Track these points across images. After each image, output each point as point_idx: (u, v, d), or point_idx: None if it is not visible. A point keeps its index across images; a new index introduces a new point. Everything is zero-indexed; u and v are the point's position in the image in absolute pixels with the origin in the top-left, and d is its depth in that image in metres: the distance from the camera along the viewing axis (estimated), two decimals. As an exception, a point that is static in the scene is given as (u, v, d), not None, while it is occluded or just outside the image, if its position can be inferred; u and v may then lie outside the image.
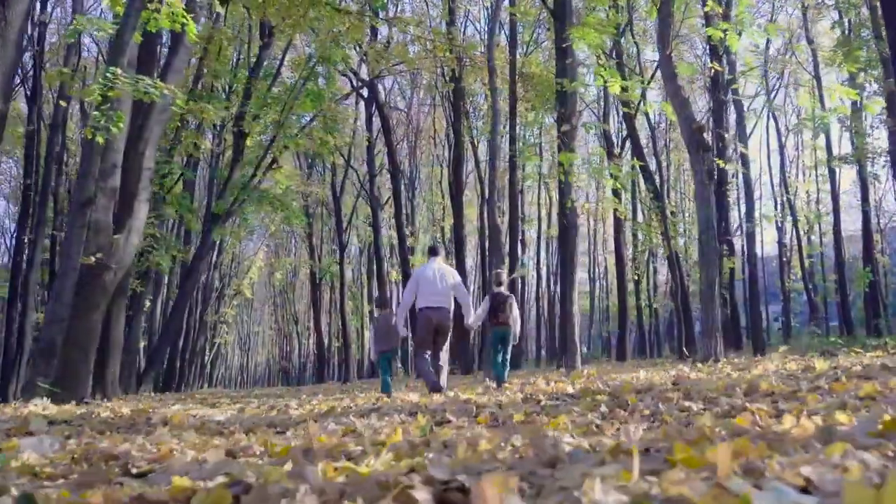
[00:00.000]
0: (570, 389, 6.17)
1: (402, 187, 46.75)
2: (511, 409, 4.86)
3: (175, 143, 20.05)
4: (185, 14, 10.40)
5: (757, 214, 27.01)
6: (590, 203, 37.59)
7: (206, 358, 53.08)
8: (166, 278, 28.94)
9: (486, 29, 19.62)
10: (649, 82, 19.65)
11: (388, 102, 44.99)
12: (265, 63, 25.20)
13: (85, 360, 11.11)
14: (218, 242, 44.93)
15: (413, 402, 6.06)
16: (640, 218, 30.77)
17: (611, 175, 19.54)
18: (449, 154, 33.62)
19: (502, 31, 27.52)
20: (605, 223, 42.49)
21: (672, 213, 26.46)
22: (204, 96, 20.25)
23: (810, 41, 28.74)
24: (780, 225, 35.69)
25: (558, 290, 31.13)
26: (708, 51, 23.36)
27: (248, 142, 23.83)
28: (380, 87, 39.46)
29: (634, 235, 30.55)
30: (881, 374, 5.32)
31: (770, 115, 34.27)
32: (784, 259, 37.15)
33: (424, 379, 8.65)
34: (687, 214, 37.42)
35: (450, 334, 8.77)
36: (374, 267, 38.56)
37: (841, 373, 5.84)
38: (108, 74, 9.04)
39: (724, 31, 10.56)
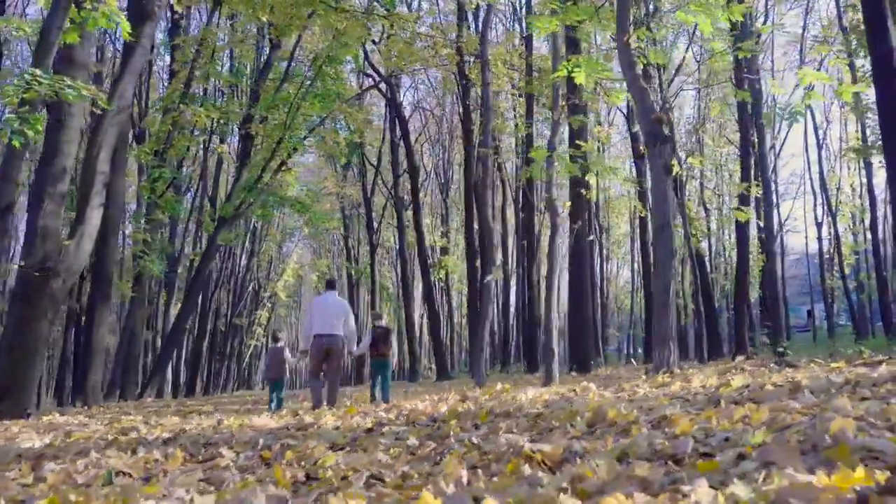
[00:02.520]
0: (442, 409, 5.53)
1: (439, 188, 46.46)
2: (324, 440, 4.26)
3: (167, 146, 19.78)
4: (119, 13, 9.99)
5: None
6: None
7: (244, 360, 53.35)
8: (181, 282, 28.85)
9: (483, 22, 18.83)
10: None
11: (418, 102, 44.68)
12: (274, 64, 24.92)
13: (30, 369, 10.79)
14: (250, 246, 45.27)
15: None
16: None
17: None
18: (462, 154, 32.99)
19: (517, 27, 26.81)
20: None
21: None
22: (196, 99, 19.94)
23: (844, 29, 27.34)
24: (819, 221, 34.17)
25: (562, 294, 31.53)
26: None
27: (269, 144, 23.50)
28: (408, 86, 39.30)
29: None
30: (784, 397, 4.60)
31: (808, 108, 32.76)
32: (826, 256, 35.61)
33: (312, 396, 9.72)
34: (718, 212, 36.11)
35: (341, 358, 9.76)
36: (400, 269, 38.19)
37: (740, 395, 5.11)
38: (25, 76, 8.65)
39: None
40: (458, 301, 53.36)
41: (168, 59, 24.70)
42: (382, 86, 30.60)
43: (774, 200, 35.60)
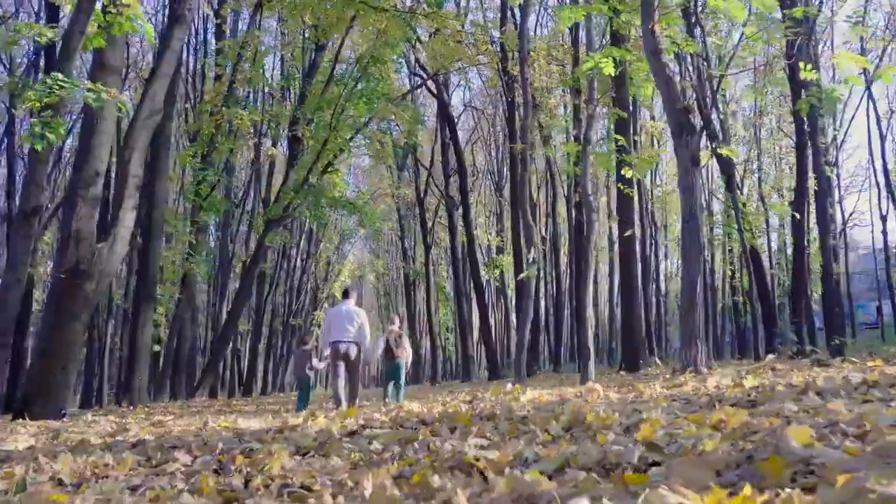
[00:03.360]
0: (435, 411, 5.33)
1: (494, 187, 46.19)
2: (291, 444, 4.11)
3: (211, 149, 19.99)
4: (142, 17, 10.05)
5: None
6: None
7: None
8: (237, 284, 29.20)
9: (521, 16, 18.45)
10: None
11: (469, 102, 44.52)
12: (320, 66, 25.01)
13: (63, 372, 10.93)
14: (306, 246, 45.73)
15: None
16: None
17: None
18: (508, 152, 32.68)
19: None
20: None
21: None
22: (239, 101, 20.10)
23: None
24: (884, 214, 32.84)
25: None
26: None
27: (315, 146, 23.57)
28: (456, 86, 39.14)
29: (712, 229, 28.75)
30: (788, 399, 4.34)
31: (869, 95, 31.49)
32: (893, 251, 34.20)
33: (334, 397, 10.49)
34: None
35: (358, 361, 10.33)
36: (451, 269, 38.11)
37: (745, 396, 4.83)
38: (47, 80, 8.75)
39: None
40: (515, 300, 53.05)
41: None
42: (432, 86, 30.48)
43: (838, 194, 34.38)
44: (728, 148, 11.48)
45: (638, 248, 29.16)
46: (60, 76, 8.93)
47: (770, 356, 7.79)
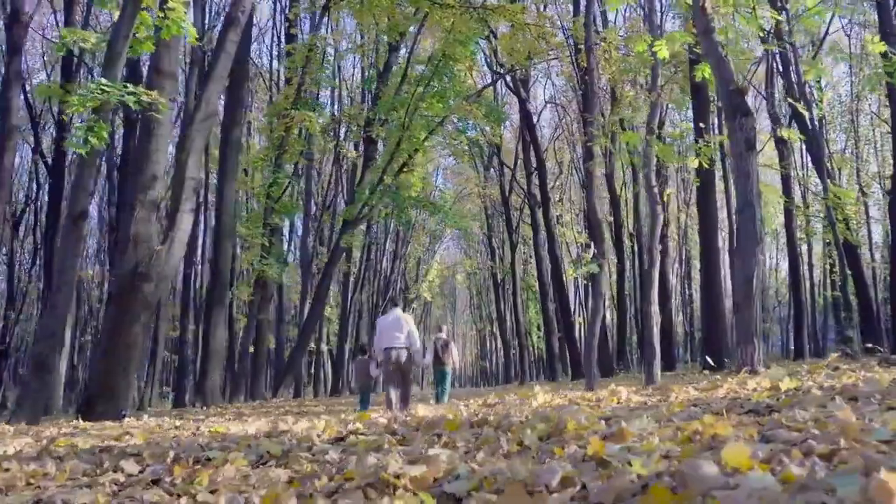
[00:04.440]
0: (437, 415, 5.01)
1: (580, 183, 45.35)
2: (253, 452, 3.88)
3: (281, 151, 20.15)
4: (185, 19, 10.09)
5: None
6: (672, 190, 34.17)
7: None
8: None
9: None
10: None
11: (552, 97, 43.81)
12: (393, 67, 24.97)
13: (124, 373, 11.10)
14: (392, 247, 46.04)
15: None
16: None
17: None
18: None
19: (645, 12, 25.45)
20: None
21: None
22: (308, 104, 20.18)
23: None
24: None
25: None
26: None
27: (404, 145, 23.55)
28: (534, 81, 38.56)
29: (808, 221, 27.31)
30: (812, 405, 3.90)
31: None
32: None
33: (385, 400, 10.88)
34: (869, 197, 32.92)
35: (405, 366, 10.66)
36: (536, 268, 37.57)
37: (769, 401, 4.37)
38: (91, 85, 8.86)
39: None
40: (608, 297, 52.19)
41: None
42: (512, 83, 30.06)
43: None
44: (789, 130, 10.67)
45: (722, 241, 28.07)
46: (103, 81, 9.03)
47: (833, 355, 7.15)
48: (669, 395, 5.32)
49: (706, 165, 12.53)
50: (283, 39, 28.40)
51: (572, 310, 41.99)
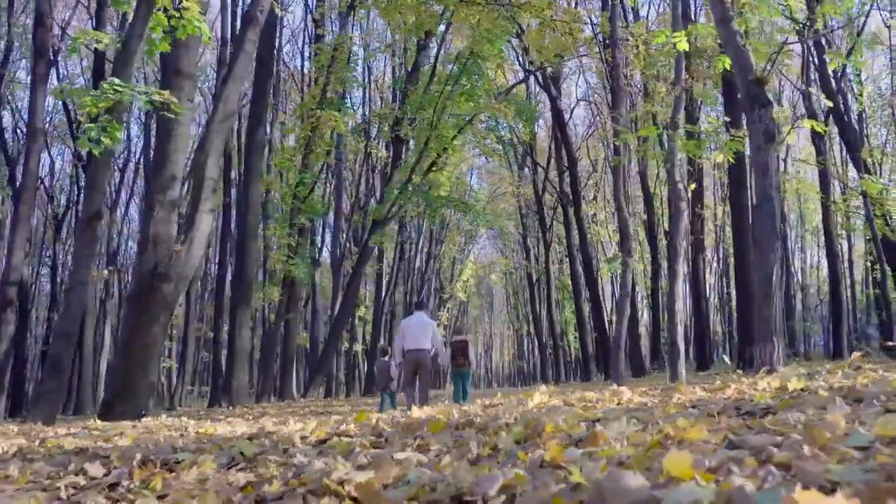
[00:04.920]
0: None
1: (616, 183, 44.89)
2: (225, 455, 3.78)
3: (307, 151, 20.14)
4: (200, 18, 10.06)
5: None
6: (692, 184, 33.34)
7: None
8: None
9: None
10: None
11: (585, 95, 43.38)
12: (422, 66, 24.85)
13: (143, 373, 11.12)
14: (426, 247, 45.98)
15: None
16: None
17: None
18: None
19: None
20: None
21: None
22: (333, 104, 20.14)
23: None
24: None
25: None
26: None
27: (432, 145, 23.44)
28: (565, 77, 38.18)
29: (848, 217, 26.65)
30: (810, 408, 3.70)
31: None
32: None
33: (406, 399, 11.31)
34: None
35: (429, 367, 11.30)
36: (570, 267, 37.23)
37: (771, 401, 4.16)
38: (104, 85, 8.87)
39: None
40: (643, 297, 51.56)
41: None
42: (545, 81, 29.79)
43: None
44: (813, 122, 10.28)
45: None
46: (117, 81, 9.04)
47: (856, 353, 6.84)
48: (673, 397, 5.11)
49: (730, 160, 12.20)
50: (313, 40, 28.53)
51: (608, 309, 41.59)
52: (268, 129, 22.72)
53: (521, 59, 32.50)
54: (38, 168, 15.22)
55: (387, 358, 13.07)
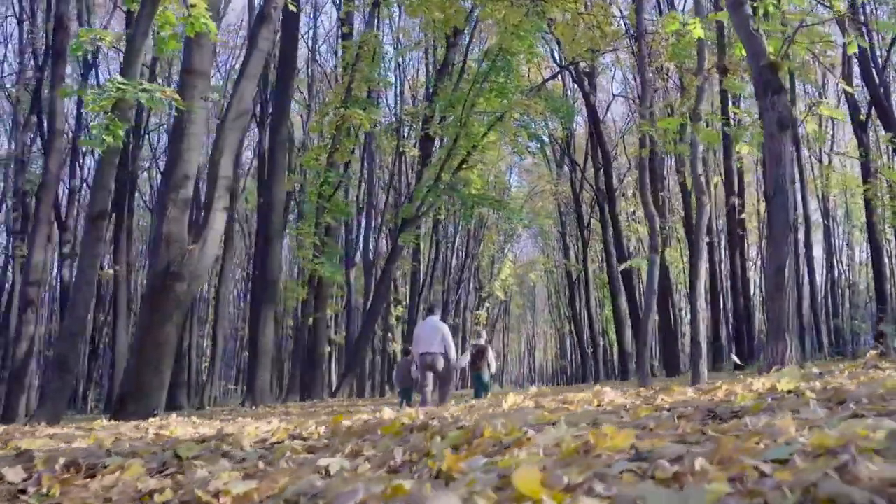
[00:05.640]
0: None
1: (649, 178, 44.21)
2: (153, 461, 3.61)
3: (333, 149, 20.04)
4: (206, 15, 9.96)
5: None
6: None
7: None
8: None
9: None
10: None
11: (624, 90, 42.72)
12: (452, 63, 24.64)
13: (155, 372, 11.09)
14: (463, 246, 45.76)
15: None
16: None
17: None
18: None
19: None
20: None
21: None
22: (358, 102, 20.02)
23: None
24: None
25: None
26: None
27: (462, 142, 23.23)
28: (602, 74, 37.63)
29: (895, 212, 25.74)
30: (787, 409, 3.41)
31: None
32: None
33: (420, 399, 11.81)
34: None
35: (441, 370, 11.56)
36: (606, 264, 36.72)
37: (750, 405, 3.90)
38: (107, 84, 8.83)
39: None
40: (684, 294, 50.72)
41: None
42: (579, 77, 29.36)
43: None
44: (830, 108, 9.80)
45: (803, 234, 26.65)
46: (120, 79, 8.99)
47: (872, 352, 6.44)
48: (657, 398, 4.82)
49: (756, 152, 11.75)
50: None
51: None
52: (302, 129, 22.75)
53: (555, 54, 32.12)
54: (58, 169, 15.36)
55: (409, 358, 13.39)
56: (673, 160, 30.45)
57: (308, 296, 20.48)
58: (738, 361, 12.98)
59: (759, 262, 43.95)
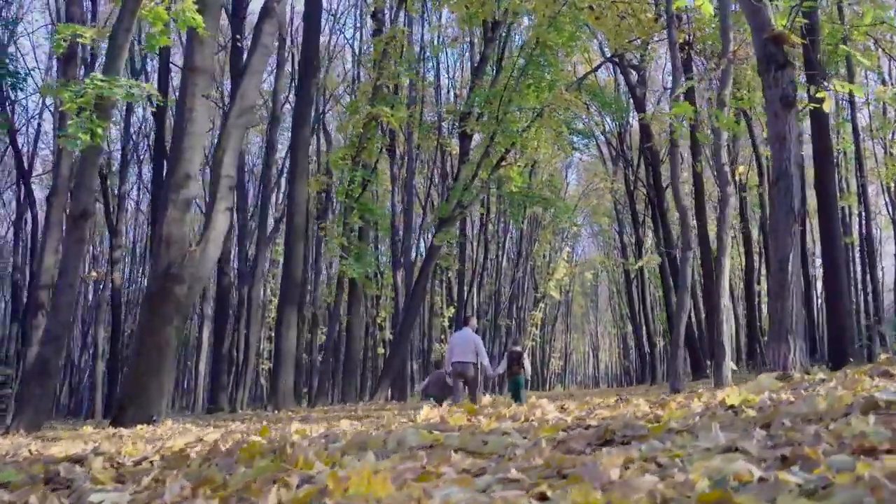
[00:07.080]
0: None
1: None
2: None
3: (360, 148, 19.64)
4: (192, 9, 9.63)
5: None
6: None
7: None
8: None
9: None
10: None
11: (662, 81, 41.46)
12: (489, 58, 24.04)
13: (155, 376, 10.82)
14: (513, 247, 45.06)
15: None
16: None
17: None
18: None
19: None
20: None
21: None
22: (385, 99, 19.59)
23: None
24: None
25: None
26: None
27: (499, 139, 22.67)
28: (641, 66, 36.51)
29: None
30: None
31: None
32: None
33: (453, 400, 12.06)
34: None
35: (476, 378, 12.57)
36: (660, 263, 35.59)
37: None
38: (86, 80, 8.56)
39: None
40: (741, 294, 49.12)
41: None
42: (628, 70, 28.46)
43: None
44: (849, 85, 8.83)
45: (857, 226, 25.29)
46: (99, 76, 8.72)
47: (883, 356, 5.71)
48: (633, 409, 4.19)
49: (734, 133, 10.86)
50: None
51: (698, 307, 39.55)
52: (330, 129, 22.49)
53: (603, 47, 31.24)
54: (69, 171, 15.32)
55: (442, 370, 13.96)
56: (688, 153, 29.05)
57: (337, 297, 20.13)
58: (734, 367, 12.05)
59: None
